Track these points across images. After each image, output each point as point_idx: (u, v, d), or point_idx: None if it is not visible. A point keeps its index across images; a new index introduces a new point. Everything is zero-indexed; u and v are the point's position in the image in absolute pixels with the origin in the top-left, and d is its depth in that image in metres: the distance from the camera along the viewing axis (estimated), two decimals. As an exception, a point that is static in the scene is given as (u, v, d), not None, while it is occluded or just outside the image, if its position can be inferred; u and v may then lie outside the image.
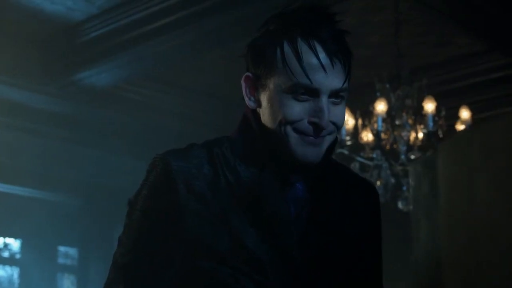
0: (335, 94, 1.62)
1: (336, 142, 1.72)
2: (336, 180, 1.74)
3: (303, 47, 1.61)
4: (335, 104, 1.63)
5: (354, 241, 1.71)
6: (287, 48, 1.62)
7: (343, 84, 1.62)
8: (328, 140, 1.66)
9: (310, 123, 1.61)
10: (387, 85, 5.26)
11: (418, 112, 5.23)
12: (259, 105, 1.67)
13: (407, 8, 5.61)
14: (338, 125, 1.65)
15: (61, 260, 8.54)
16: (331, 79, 1.60)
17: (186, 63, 6.74)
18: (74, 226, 8.12)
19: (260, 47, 1.66)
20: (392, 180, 5.16)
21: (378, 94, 5.22)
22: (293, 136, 1.62)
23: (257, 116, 1.68)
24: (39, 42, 6.45)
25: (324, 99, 1.61)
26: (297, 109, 1.60)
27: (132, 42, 6.06)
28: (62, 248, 8.53)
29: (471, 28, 5.83)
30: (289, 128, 1.61)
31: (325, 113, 1.60)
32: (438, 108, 5.22)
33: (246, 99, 1.69)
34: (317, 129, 1.61)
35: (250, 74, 1.68)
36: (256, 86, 1.67)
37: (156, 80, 7.23)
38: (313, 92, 1.60)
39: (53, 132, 7.48)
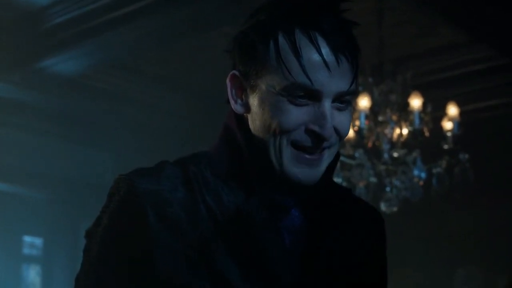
0: (339, 98, 1.35)
1: (338, 160, 1.45)
2: (337, 206, 1.46)
3: (302, 40, 1.33)
4: (339, 109, 1.35)
5: (357, 277, 1.45)
6: (282, 41, 1.33)
7: (350, 86, 1.35)
8: (328, 157, 1.38)
9: (309, 132, 1.33)
10: (370, 79, 5.03)
11: (403, 108, 5.00)
12: (248, 110, 1.39)
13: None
14: (342, 134, 1.38)
15: (26, 251, 8.31)
16: (335, 80, 1.33)
17: (154, 52, 6.48)
18: (40, 217, 7.93)
19: (249, 41, 1.37)
20: (375, 180, 4.95)
21: (360, 88, 4.98)
22: (288, 152, 1.34)
23: (243, 124, 1.40)
24: (0, 28, 6.13)
25: (327, 104, 1.33)
26: (294, 115, 1.33)
27: (100, 29, 5.77)
28: (27, 238, 8.28)
29: (455, 18, 5.67)
30: (284, 141, 1.34)
31: (328, 121, 1.33)
32: (424, 104, 5.00)
33: (232, 102, 1.40)
34: (317, 139, 1.34)
35: (237, 73, 1.39)
36: (244, 86, 1.39)
37: (124, 68, 6.95)
38: (313, 95, 1.33)
39: (18, 122, 7.23)
